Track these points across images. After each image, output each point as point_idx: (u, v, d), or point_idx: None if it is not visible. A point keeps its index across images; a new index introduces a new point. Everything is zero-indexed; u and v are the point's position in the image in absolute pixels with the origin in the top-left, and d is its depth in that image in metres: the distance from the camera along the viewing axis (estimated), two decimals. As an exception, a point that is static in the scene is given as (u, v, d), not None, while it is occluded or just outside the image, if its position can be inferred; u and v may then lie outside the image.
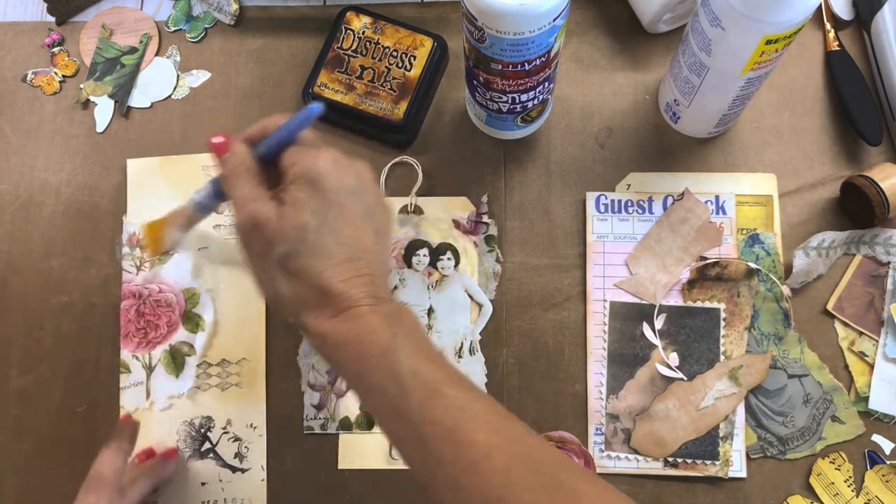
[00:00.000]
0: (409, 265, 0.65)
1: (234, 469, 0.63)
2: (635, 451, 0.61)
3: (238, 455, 0.63)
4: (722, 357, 0.62)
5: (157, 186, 0.67)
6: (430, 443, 0.42)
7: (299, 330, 0.48)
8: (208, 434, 0.63)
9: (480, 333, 0.64)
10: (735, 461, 0.61)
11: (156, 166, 0.68)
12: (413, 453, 0.44)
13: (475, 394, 0.45)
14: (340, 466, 0.63)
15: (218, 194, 0.52)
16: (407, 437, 0.44)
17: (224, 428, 0.63)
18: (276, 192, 0.48)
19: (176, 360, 0.64)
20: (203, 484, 0.63)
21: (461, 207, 0.66)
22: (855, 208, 0.64)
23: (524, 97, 0.59)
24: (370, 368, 0.44)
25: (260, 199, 0.47)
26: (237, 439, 0.63)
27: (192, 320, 0.65)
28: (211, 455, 0.63)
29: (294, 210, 0.46)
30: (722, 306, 0.63)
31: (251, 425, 0.63)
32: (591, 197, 0.66)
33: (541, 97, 0.61)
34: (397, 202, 0.67)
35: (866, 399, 0.61)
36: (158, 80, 0.71)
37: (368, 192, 0.49)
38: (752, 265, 0.63)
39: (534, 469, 0.42)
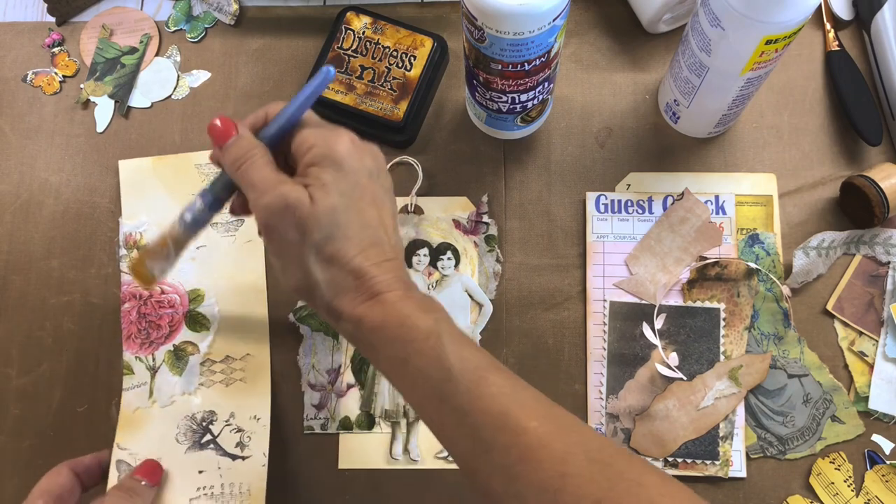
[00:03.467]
0: (410, 265, 0.65)
1: (234, 457, 0.62)
2: (635, 451, 0.61)
3: (240, 444, 0.62)
4: (722, 357, 0.62)
5: (152, 187, 0.67)
6: (481, 430, 0.41)
7: (328, 318, 0.47)
8: (210, 427, 0.63)
9: (480, 333, 0.64)
10: (735, 461, 0.61)
11: (149, 166, 0.68)
12: (460, 440, 0.43)
13: (521, 382, 0.44)
14: (340, 466, 0.63)
15: (214, 203, 0.50)
16: (453, 424, 0.43)
17: (227, 420, 0.63)
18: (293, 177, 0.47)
19: (180, 360, 0.64)
20: (200, 472, 0.62)
21: (461, 207, 0.66)
22: (855, 208, 0.64)
23: (524, 97, 0.59)
24: (412, 352, 0.44)
25: (286, 181, 0.45)
26: (239, 430, 0.62)
27: (196, 320, 0.65)
28: (211, 446, 0.62)
29: (324, 192, 0.45)
30: (722, 306, 0.63)
31: (255, 417, 0.62)
32: (591, 197, 0.66)
33: (541, 97, 0.61)
34: (397, 202, 0.67)
35: (866, 399, 0.61)
36: (158, 80, 0.71)
37: (383, 173, 0.49)
38: (752, 265, 0.63)
39: (592, 458, 0.40)
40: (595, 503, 0.39)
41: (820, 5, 0.65)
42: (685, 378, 0.62)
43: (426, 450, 0.62)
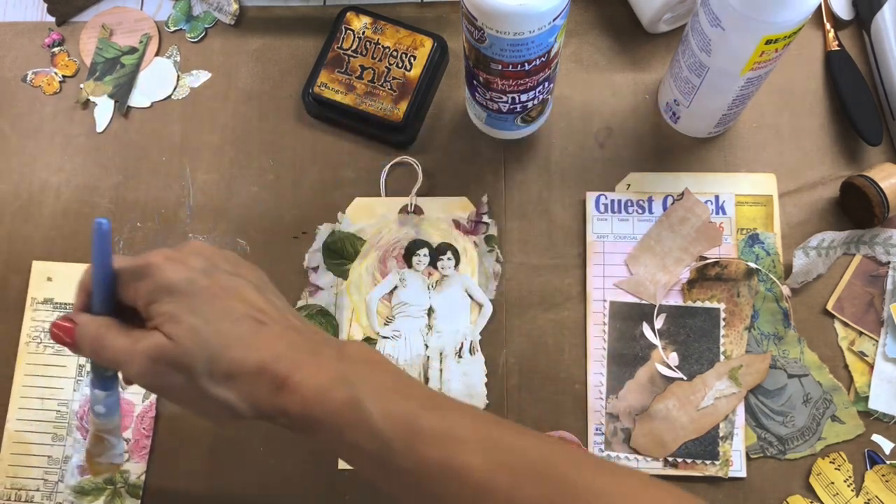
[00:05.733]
0: (410, 265, 0.65)
1: None
2: (635, 451, 0.61)
3: None
4: (722, 357, 0.62)
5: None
6: (429, 486, 0.41)
7: (269, 422, 0.45)
8: None
9: (480, 333, 0.64)
10: (735, 461, 0.61)
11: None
12: (413, 500, 0.42)
13: (455, 412, 0.43)
14: (340, 466, 0.62)
15: (106, 384, 0.48)
16: (402, 488, 0.42)
17: None
18: (147, 329, 0.44)
19: None
20: None
21: (461, 207, 0.66)
22: (855, 208, 0.64)
23: (524, 97, 0.59)
24: (342, 425, 0.42)
25: (140, 338, 0.43)
26: None
27: None
28: None
29: (175, 324, 0.43)
30: (722, 306, 0.63)
31: None
32: (590, 197, 0.66)
33: (541, 97, 0.61)
34: (397, 202, 0.67)
35: (866, 399, 0.61)
36: (158, 80, 0.71)
37: (216, 257, 0.46)
38: (752, 265, 0.63)
39: (541, 479, 0.40)
40: None
41: (820, 5, 0.65)
42: (685, 378, 0.62)
43: (426, 450, 0.62)
